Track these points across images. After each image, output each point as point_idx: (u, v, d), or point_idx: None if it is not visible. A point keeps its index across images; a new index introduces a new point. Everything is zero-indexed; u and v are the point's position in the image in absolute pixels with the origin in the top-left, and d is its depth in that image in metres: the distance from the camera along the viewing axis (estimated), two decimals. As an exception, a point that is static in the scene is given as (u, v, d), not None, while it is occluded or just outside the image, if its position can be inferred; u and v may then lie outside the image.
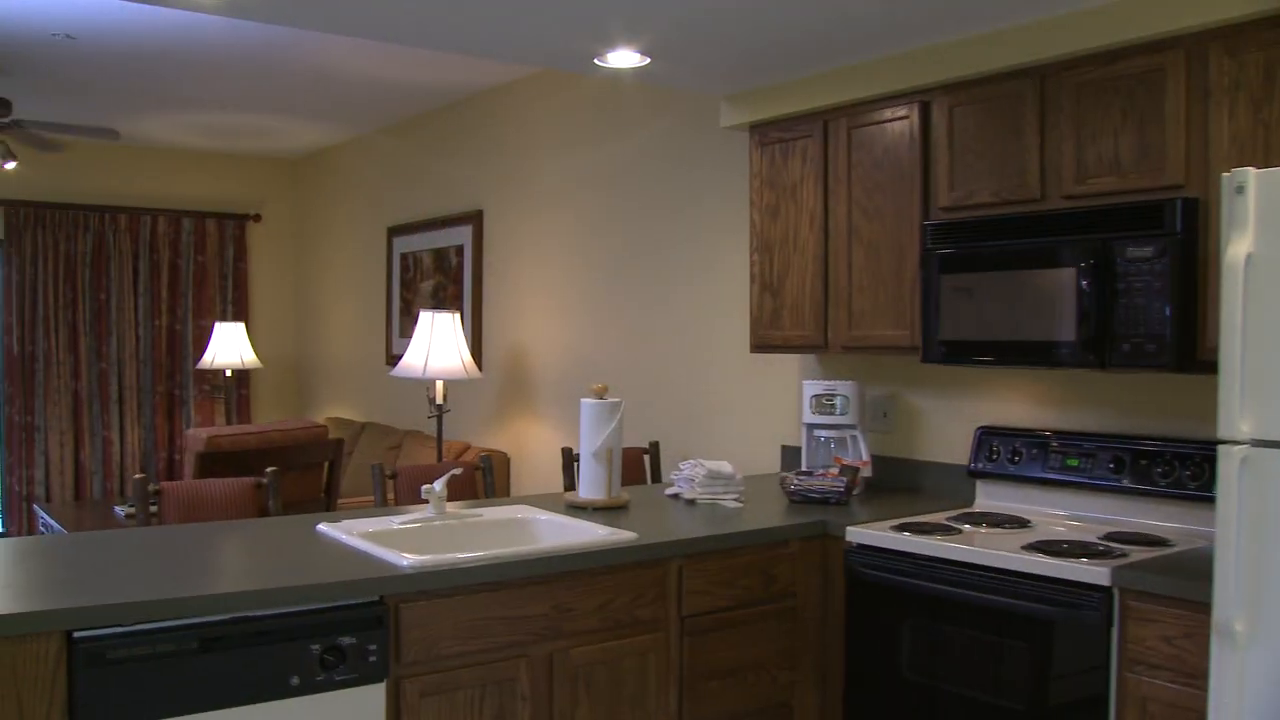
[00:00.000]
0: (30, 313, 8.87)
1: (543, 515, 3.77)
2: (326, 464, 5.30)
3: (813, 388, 4.39)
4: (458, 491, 4.64)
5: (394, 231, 8.11)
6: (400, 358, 7.85)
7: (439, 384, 6.15)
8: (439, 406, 6.17)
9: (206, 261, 9.49)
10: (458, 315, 6.13)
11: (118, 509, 6.84)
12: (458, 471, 3.81)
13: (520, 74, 6.62)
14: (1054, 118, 3.58)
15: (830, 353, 4.35)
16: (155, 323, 9.30)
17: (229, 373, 9.09)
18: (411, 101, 7.44)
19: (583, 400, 4.02)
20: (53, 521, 6.76)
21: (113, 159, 9.13)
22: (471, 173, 7.20)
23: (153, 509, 4.12)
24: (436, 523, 3.59)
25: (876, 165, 4.11)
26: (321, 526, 3.46)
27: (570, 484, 5.07)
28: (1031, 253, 3.57)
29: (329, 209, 9.32)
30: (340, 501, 5.66)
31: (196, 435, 4.79)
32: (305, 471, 5.18)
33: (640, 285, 5.79)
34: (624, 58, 4.23)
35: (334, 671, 2.77)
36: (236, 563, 3.18)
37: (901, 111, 4.02)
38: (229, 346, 8.66)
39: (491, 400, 6.96)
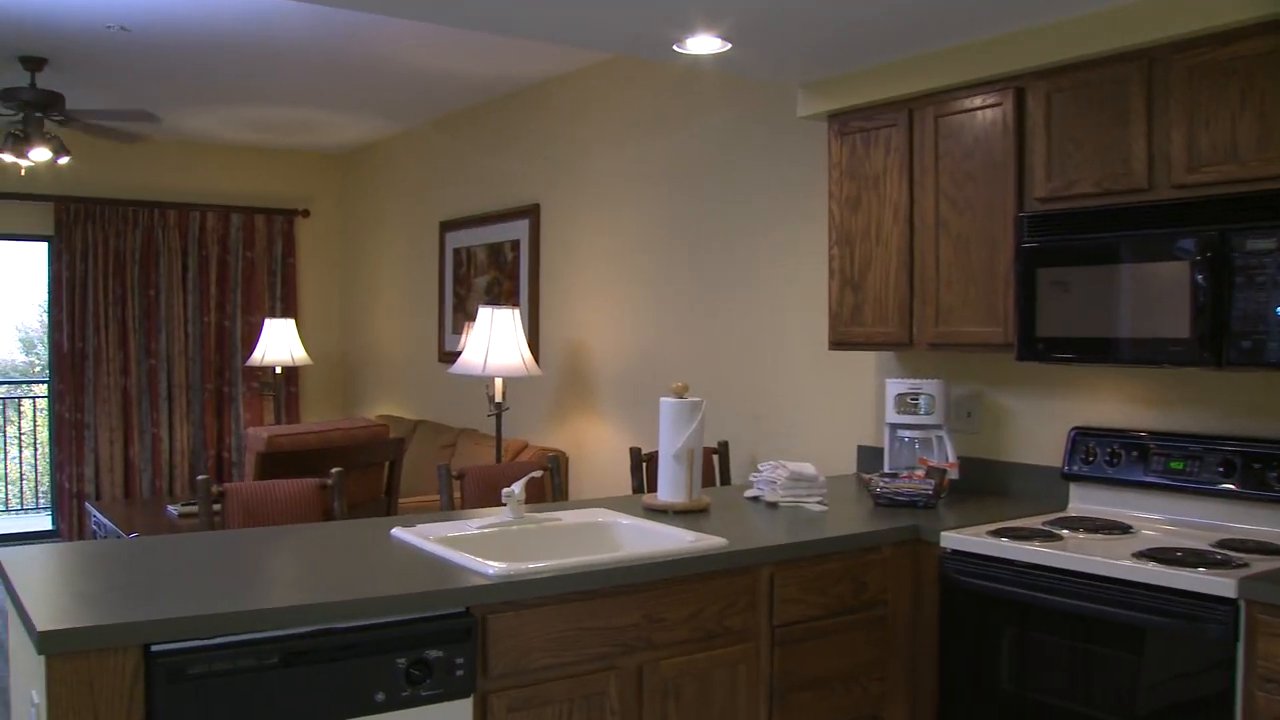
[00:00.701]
0: (80, 309, 8.80)
1: (624, 519, 3.63)
2: (387, 464, 5.17)
3: (896, 386, 4.23)
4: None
5: (446, 226, 7.99)
6: (453, 354, 7.78)
7: (498, 382, 6.02)
8: (498, 405, 6.04)
9: (255, 257, 9.41)
10: (517, 311, 6.00)
11: (170, 508, 6.75)
12: (538, 474, 3.67)
13: (577, 65, 6.48)
14: (1163, 103, 3.39)
15: (915, 350, 4.18)
16: (204, 319, 9.22)
17: (278, 370, 9.00)
18: (464, 94, 7.32)
19: (662, 400, 3.87)
20: (106, 520, 6.67)
21: (162, 154, 9.05)
22: (527, 166, 7.07)
23: (214, 508, 4.01)
24: (515, 527, 3.45)
25: (966, 155, 3.94)
26: (396, 531, 3.32)
27: (640, 485, 4.93)
28: (1139, 245, 3.39)
29: (378, 204, 9.21)
30: (400, 502, 5.53)
31: (257, 435, 4.67)
32: (366, 471, 5.05)
33: (706, 281, 5.64)
34: (704, 43, 4.08)
35: (420, 687, 2.63)
36: (313, 571, 3.04)
37: (994, 99, 3.84)
38: (279, 343, 8.56)
39: (549, 398, 6.82)
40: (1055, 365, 3.86)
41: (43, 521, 9.91)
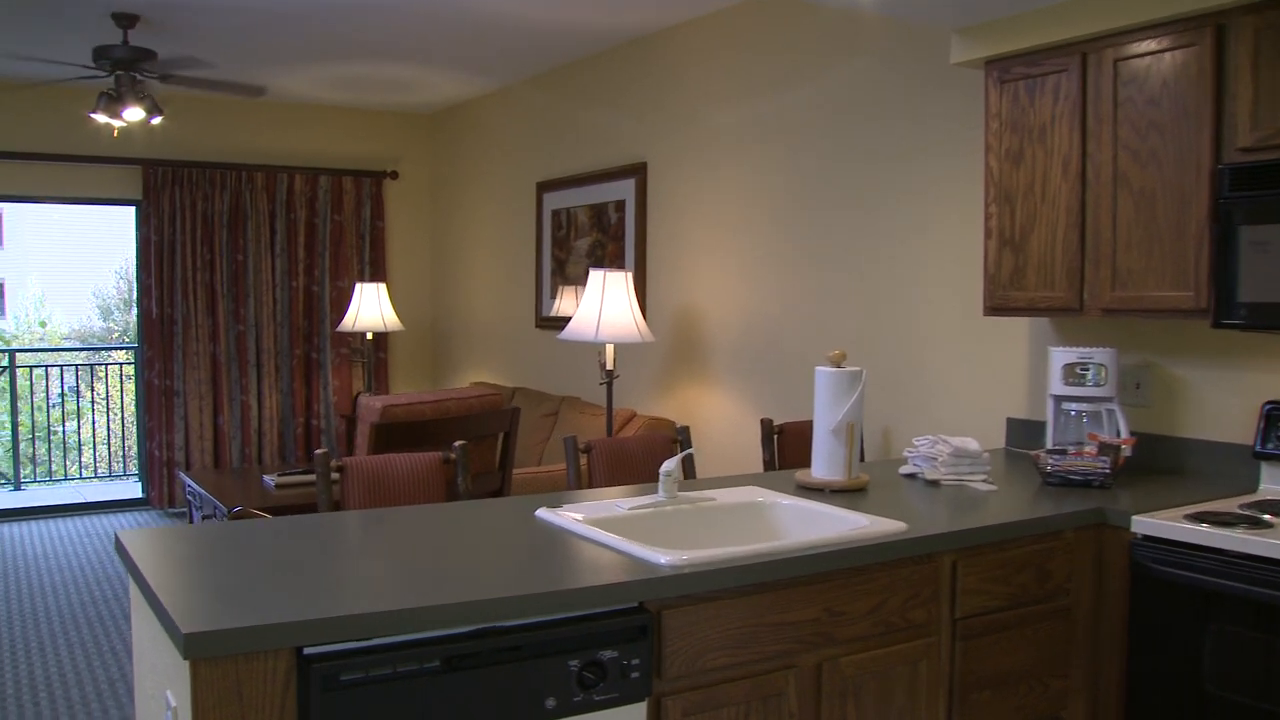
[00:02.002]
0: (169, 274, 8.64)
1: (783, 499, 3.33)
2: (500, 435, 4.92)
3: (1063, 355, 3.89)
4: (645, 465, 4.25)
5: (544, 187, 7.71)
6: (552, 320, 7.54)
7: (609, 349, 5.74)
8: (609, 373, 5.76)
9: (343, 220, 9.19)
10: (629, 274, 5.71)
11: (267, 479, 6.56)
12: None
13: (690, 16, 6.15)
14: (1396, 39, 3.03)
15: (1084, 316, 3.83)
16: (292, 284, 9.03)
17: (369, 336, 8.78)
18: (567, 49, 7.02)
19: (818, 369, 3.57)
20: (201, 490, 6.49)
21: (249, 115, 8.85)
22: (633, 123, 6.76)
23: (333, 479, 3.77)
24: (669, 508, 3.17)
25: (1151, 102, 3.58)
26: (543, 513, 3.06)
27: (771, 459, 4.64)
28: (1366, 199, 3.03)
29: (470, 165, 8.94)
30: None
31: (370, 405, 4.43)
32: (479, 443, 4.80)
33: (834, 244, 5.31)
34: (861, -17, 3.75)
35: (593, 691, 2.36)
36: (463, 559, 2.76)
37: (1187, 39, 3.48)
38: (370, 308, 8.34)
39: (657, 365, 6.54)
40: (1254, 334, 3.51)
41: (131, 489, 9.81)
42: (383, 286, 8.46)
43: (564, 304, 7.60)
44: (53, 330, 23.10)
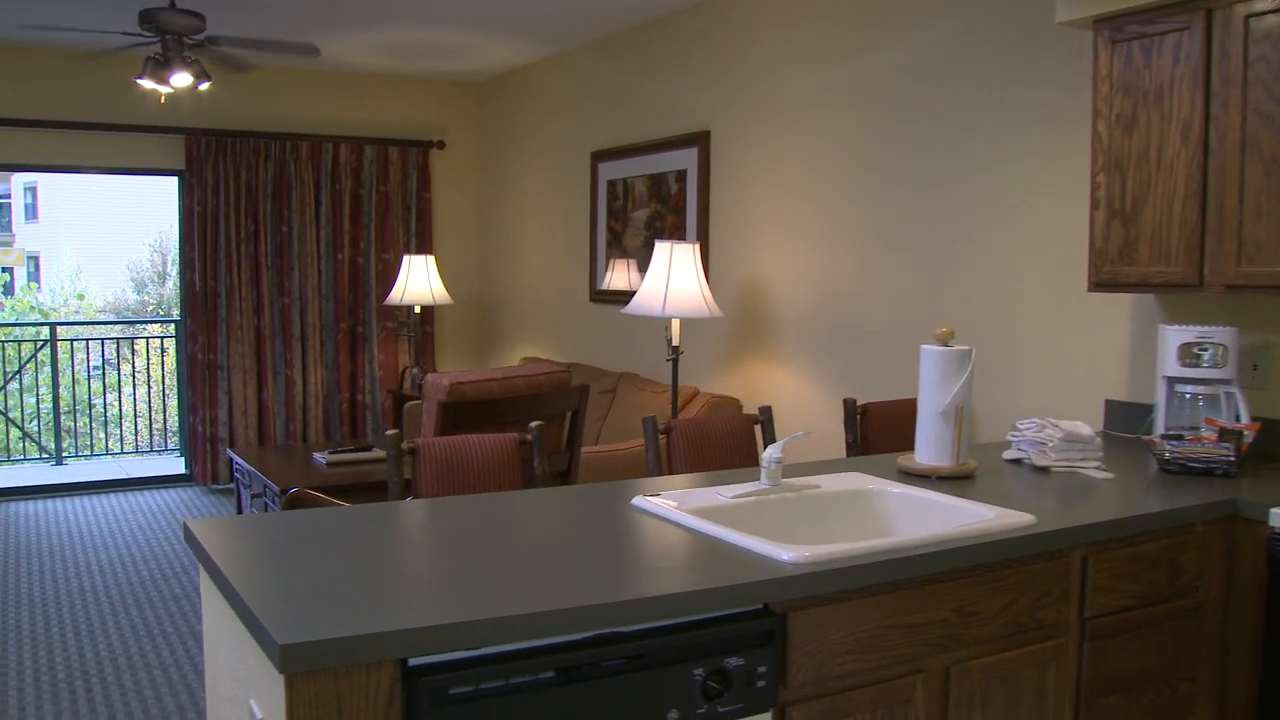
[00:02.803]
0: (212, 246, 8.46)
1: (893, 487, 3.11)
2: (569, 414, 4.71)
3: (1180, 335, 3.64)
4: (726, 447, 4.05)
5: (599, 157, 7.48)
6: (607, 293, 7.32)
7: (675, 323, 5.52)
8: (675, 348, 5.54)
9: (389, 191, 8.98)
10: (697, 246, 5.48)
11: (318, 456, 6.39)
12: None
13: (758, -23, 5.91)
14: None
15: (1206, 293, 3.58)
16: (337, 256, 8.84)
17: (417, 309, 8.59)
18: (623, 14, 6.78)
19: (924, 348, 3.34)
20: (250, 467, 6.33)
21: (293, 83, 8.66)
22: (695, 90, 6.51)
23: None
24: (773, 496, 2.95)
25: (1287, 61, 3.32)
26: (640, 502, 2.84)
27: (855, 440, 4.41)
28: None
29: (521, 134, 8.71)
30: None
31: (436, 382, 4.22)
32: (547, 423, 4.58)
33: (912, 215, 5.07)
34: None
35: (718, 702, 2.15)
36: (567, 555, 2.53)
37: (1329, -9, 3.22)
38: (418, 281, 8.14)
39: (720, 340, 6.31)
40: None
41: (173, 464, 9.68)
42: (431, 259, 8.25)
43: (615, 277, 7.39)
44: (87, 304, 23.04)
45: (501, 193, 9.06)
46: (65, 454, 10.10)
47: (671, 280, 5.39)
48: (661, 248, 5.47)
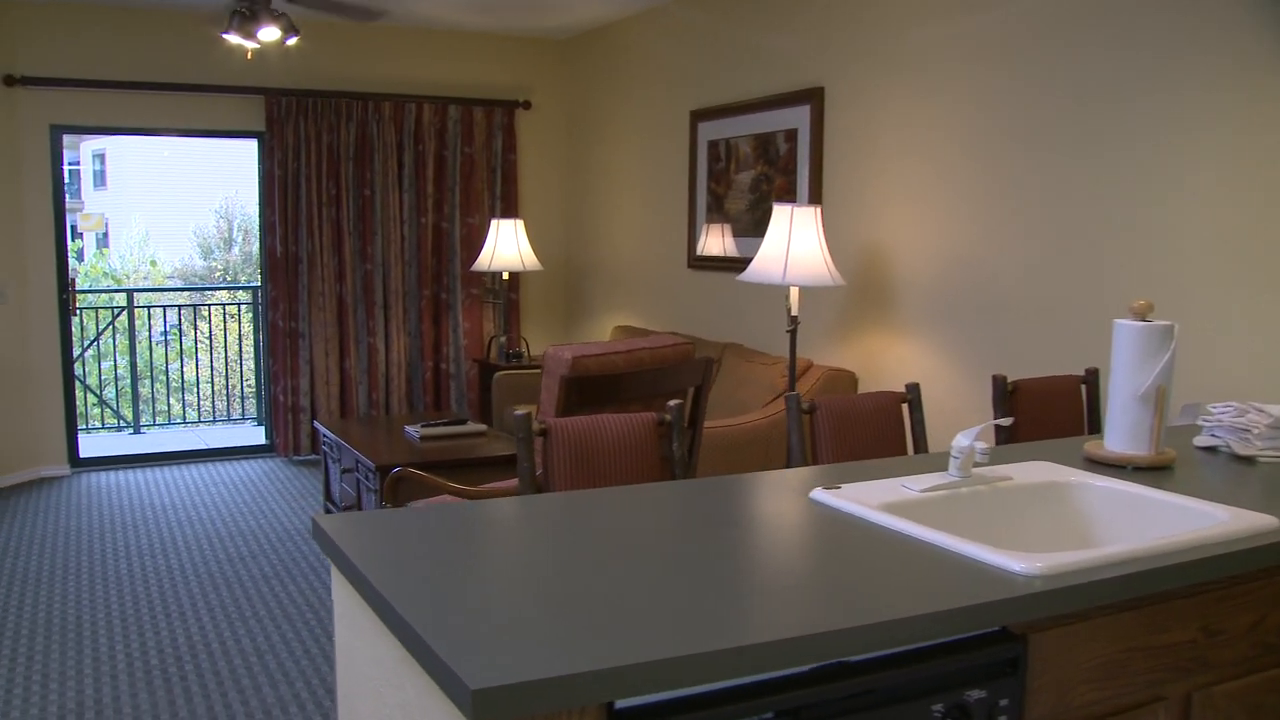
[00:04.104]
0: (293, 211, 8.19)
1: (1094, 479, 2.74)
2: (692, 389, 4.38)
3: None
4: (874, 428, 3.70)
5: (699, 116, 7.11)
6: (706, 259, 6.98)
7: (794, 291, 5.17)
8: (794, 319, 5.19)
9: (474, 153, 8.67)
10: (819, 210, 5.11)
11: (410, 430, 6.12)
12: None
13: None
14: None
15: None
16: (420, 220, 8.55)
17: (504, 275, 8.29)
18: (729, -38, 6.41)
19: (1119, 323, 2.97)
20: (339, 440, 6.06)
21: (375, 42, 8.36)
22: (808, 44, 6.12)
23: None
24: (964, 490, 2.60)
25: None
26: (820, 495, 2.51)
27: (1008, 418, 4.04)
28: None
29: (611, 93, 8.35)
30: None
31: (558, 356, 3.91)
32: (671, 399, 4.26)
33: (1055, 182, 4.67)
34: None
35: (958, 743, 1.82)
36: (761, 565, 2.14)
37: None
38: (507, 246, 7.83)
39: (833, 310, 5.95)
40: None
41: (251, 434, 9.50)
42: (519, 223, 7.94)
43: (710, 243, 7.05)
44: (156, 270, 23.02)
45: (590, 154, 8.71)
46: (144, 424, 9.94)
47: (792, 246, 5.03)
48: (781, 211, 5.11)
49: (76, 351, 8.42)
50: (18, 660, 4.59)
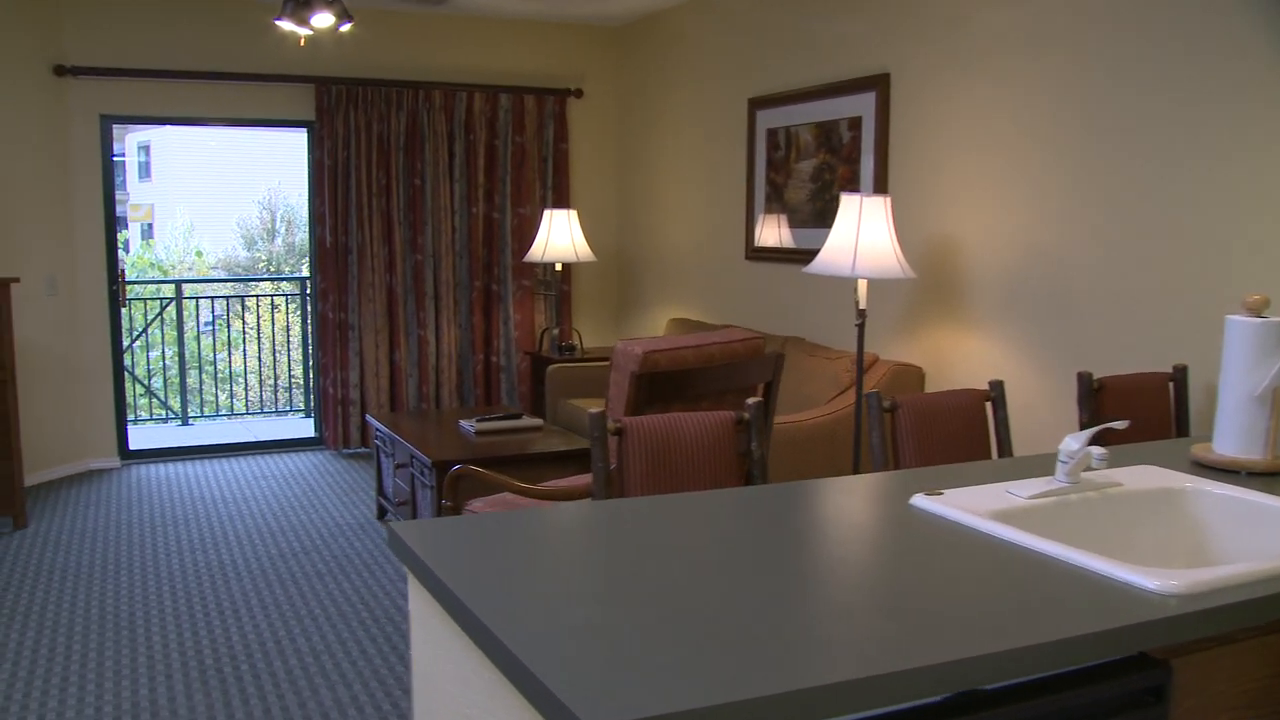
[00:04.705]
0: (343, 201, 8.09)
1: (1211, 487, 2.56)
2: (762, 385, 4.23)
3: None
4: (956, 428, 3.55)
5: (757, 104, 6.95)
6: (764, 250, 6.82)
7: (862, 284, 5.01)
8: (862, 312, 5.03)
9: (525, 142, 8.54)
10: (889, 200, 4.95)
11: (465, 424, 6.00)
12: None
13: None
14: None
15: None
16: (471, 210, 8.43)
17: (558, 266, 8.16)
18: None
19: (1232, 319, 2.81)
20: (393, 434, 5.95)
21: (426, 29, 8.25)
22: (872, 29, 5.95)
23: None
24: (1074, 497, 2.45)
25: None
26: (921, 502, 2.36)
27: (1091, 419, 3.88)
28: None
29: (665, 80, 8.19)
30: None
31: (628, 351, 3.77)
32: (740, 396, 4.12)
33: (1136, 171, 4.47)
34: None
35: (1101, 779, 1.68)
36: (879, 584, 1.99)
37: None
38: (560, 236, 7.70)
39: (899, 303, 5.79)
40: None
41: (298, 426, 9.43)
42: (573, 213, 7.81)
43: (765, 233, 6.89)
44: (201, 261, 23.08)
45: (643, 143, 8.57)
46: (191, 416, 9.89)
47: (861, 237, 4.87)
48: (849, 201, 4.95)
49: (125, 343, 8.36)
50: (72, 658, 4.50)
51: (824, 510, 2.50)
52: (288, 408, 10.31)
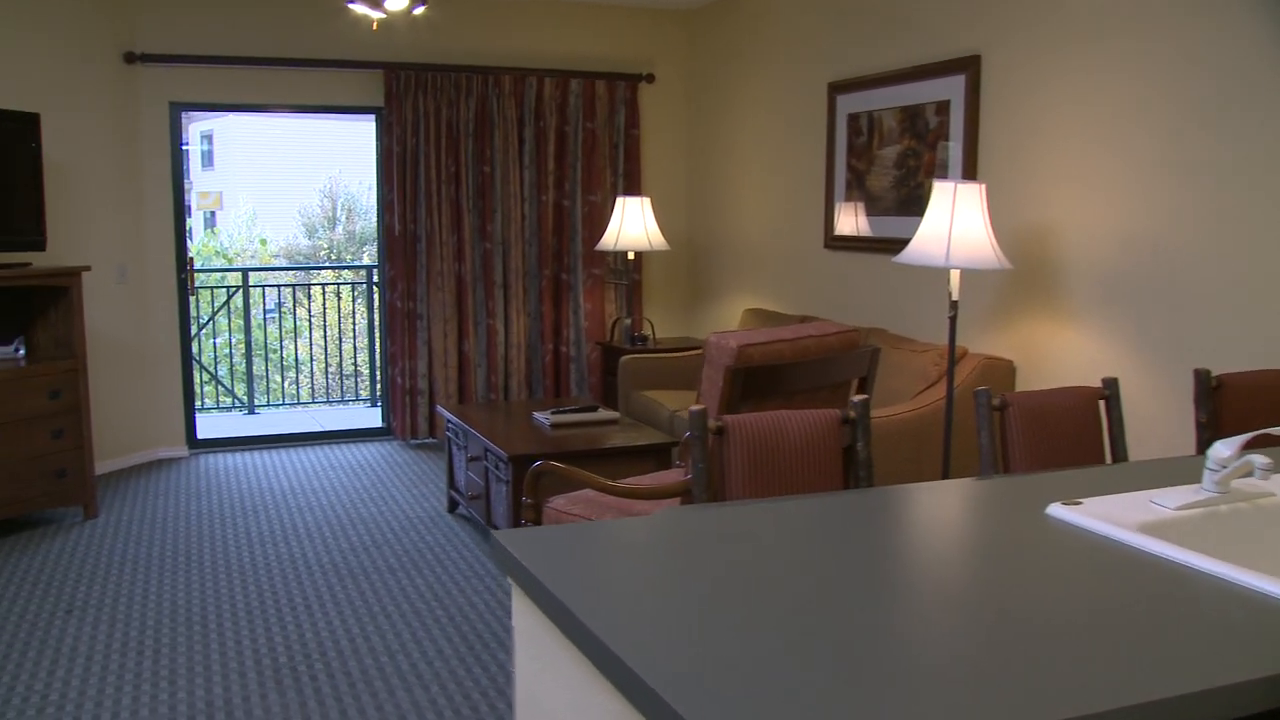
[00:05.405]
0: (411, 188, 7.98)
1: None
2: (856, 381, 4.06)
3: None
4: (1070, 428, 3.35)
5: (837, 88, 6.75)
6: (843, 239, 6.63)
7: (955, 275, 4.81)
8: (955, 304, 4.84)
9: (596, 128, 8.38)
10: (983, 186, 4.74)
11: (540, 416, 5.87)
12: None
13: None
14: None
15: None
16: (541, 198, 8.29)
17: (630, 255, 8.01)
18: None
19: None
20: (466, 427, 5.82)
21: (496, 13, 8.13)
22: (960, 9, 5.73)
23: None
24: (1223, 507, 2.26)
25: None
26: (1058, 511, 2.19)
27: (1209, 420, 3.67)
28: None
29: (739, 65, 8.00)
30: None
31: (722, 344, 3.61)
32: (834, 391, 3.95)
33: (1244, 158, 4.24)
34: None
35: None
36: (1035, 606, 1.83)
37: None
38: (634, 224, 7.54)
39: (989, 294, 5.58)
40: None
41: (364, 415, 9.36)
42: (646, 201, 7.65)
43: (843, 221, 6.70)
44: (265, 249, 23.15)
45: (716, 129, 8.38)
46: (257, 405, 9.85)
47: (955, 226, 4.68)
48: (942, 189, 4.75)
49: (193, 331, 8.31)
50: (144, 654, 4.42)
51: (951, 519, 2.32)
52: (351, 397, 10.24)
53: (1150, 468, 2.74)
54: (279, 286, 11.58)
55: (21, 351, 6.10)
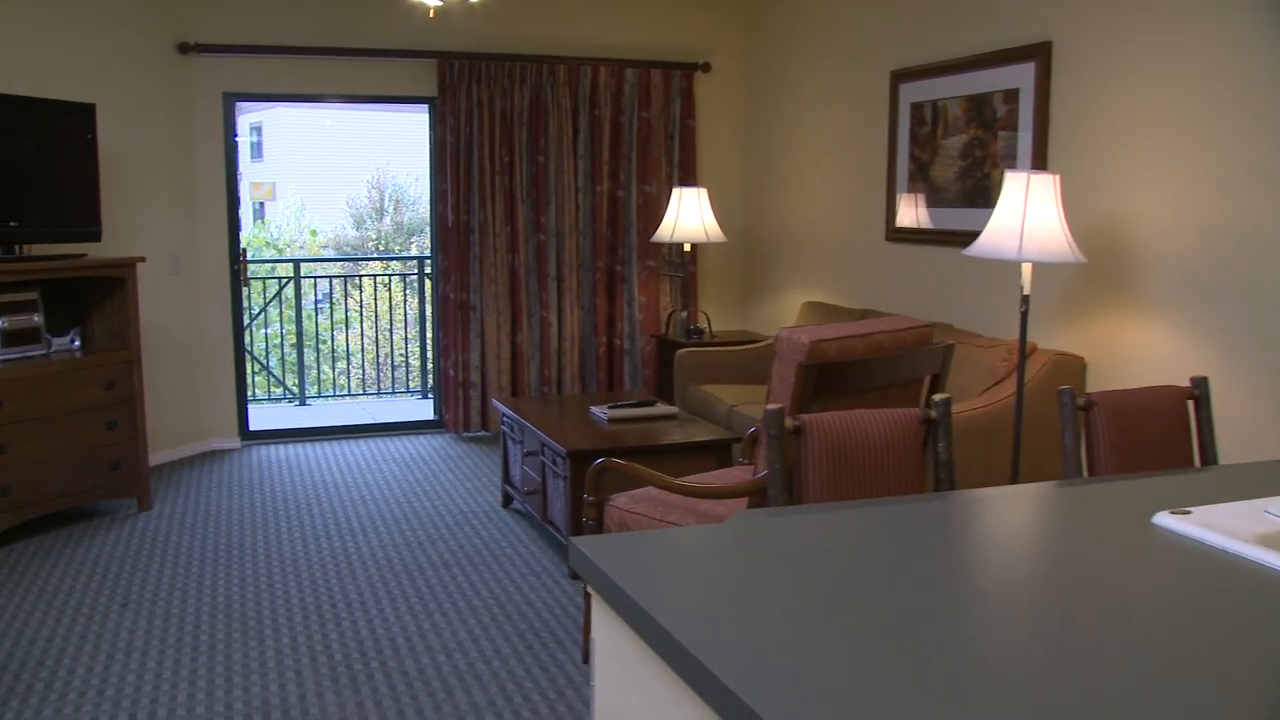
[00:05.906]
0: (465, 178, 7.91)
1: None
2: (928, 378, 3.93)
3: None
4: (1157, 429, 3.22)
5: (900, 77, 6.60)
6: (905, 231, 6.49)
7: (1027, 268, 4.67)
8: (1026, 298, 4.70)
9: (651, 118, 8.26)
10: (1057, 177, 4.60)
11: (597, 410, 5.77)
12: None
13: None
14: None
15: None
16: (595, 188, 8.19)
17: (686, 247, 7.90)
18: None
19: None
20: (523, 420, 5.74)
21: (549, 2, 8.04)
22: (1031, -6, 5.58)
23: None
24: (1343, 518, 2.13)
25: None
26: (1167, 521, 2.06)
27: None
28: None
29: (797, 54, 7.86)
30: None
31: (794, 340, 3.49)
32: (905, 389, 3.83)
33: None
34: None
35: None
36: (1159, 627, 1.71)
37: None
38: (690, 216, 7.43)
39: (1059, 288, 5.42)
40: None
41: (415, 408, 9.30)
42: (703, 191, 7.53)
43: (902, 212, 6.57)
44: (314, 240, 23.21)
45: (773, 119, 8.25)
46: (308, 396, 9.82)
47: (1028, 218, 4.53)
48: (1015, 179, 4.61)
49: (245, 322, 8.28)
50: (199, 649, 4.37)
51: (1051, 527, 2.21)
52: (401, 388, 10.20)
53: (1251, 472, 2.62)
54: (330, 278, 11.55)
55: (77, 343, 6.08)
